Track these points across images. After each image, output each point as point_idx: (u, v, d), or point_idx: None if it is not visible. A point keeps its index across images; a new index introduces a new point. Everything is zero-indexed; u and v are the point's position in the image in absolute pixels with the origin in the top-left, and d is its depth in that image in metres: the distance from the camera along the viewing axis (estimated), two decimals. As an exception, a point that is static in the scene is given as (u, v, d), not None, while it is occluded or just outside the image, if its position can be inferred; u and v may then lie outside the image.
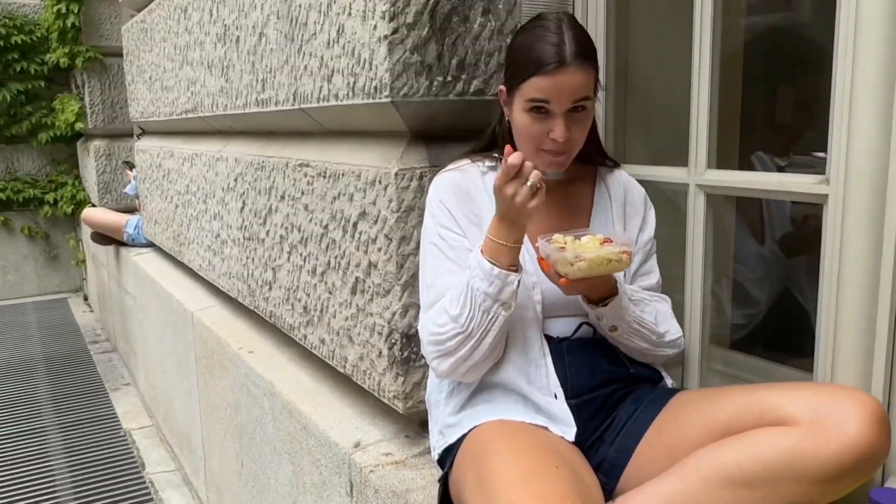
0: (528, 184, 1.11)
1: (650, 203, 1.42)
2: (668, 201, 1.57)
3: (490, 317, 1.18)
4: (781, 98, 2.07)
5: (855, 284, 1.14)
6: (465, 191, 1.31)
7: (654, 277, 1.40)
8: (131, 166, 4.46)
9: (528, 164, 1.12)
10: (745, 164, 1.88)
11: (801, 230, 1.96)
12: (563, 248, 1.16)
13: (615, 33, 1.62)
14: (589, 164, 1.40)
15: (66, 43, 5.05)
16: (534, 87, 1.19)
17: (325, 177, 1.71)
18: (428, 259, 1.30)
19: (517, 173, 1.11)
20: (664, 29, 1.78)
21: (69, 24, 4.98)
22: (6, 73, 5.73)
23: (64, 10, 4.94)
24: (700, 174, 1.40)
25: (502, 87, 1.29)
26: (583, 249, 1.15)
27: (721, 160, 1.45)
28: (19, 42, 5.66)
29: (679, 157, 1.46)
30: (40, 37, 5.73)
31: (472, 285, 1.17)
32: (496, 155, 1.33)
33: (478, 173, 1.34)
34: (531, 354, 1.26)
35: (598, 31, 1.58)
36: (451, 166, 1.36)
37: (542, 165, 1.22)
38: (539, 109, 1.20)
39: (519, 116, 1.24)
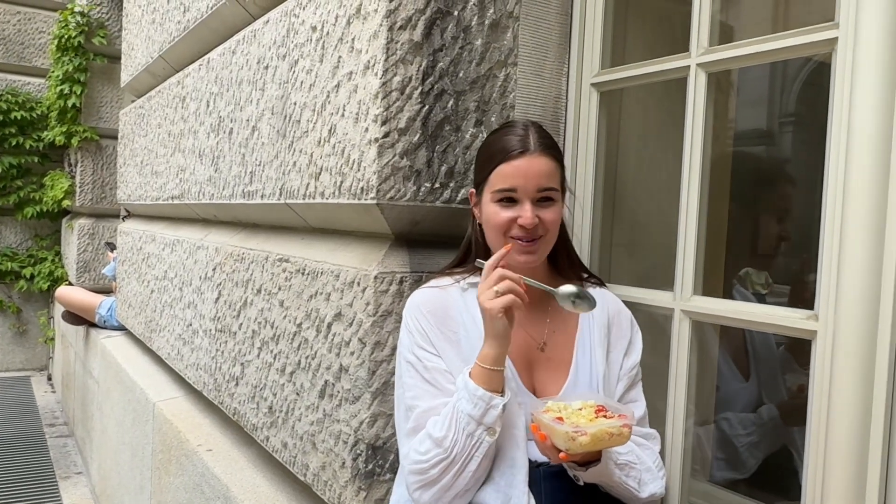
0: (495, 288, 1.12)
1: (636, 326, 1.38)
2: (653, 325, 1.53)
3: (474, 442, 1.13)
4: (765, 227, 2.07)
5: (845, 424, 1.09)
6: (443, 309, 1.27)
7: (640, 408, 1.33)
8: (112, 247, 4.41)
9: (499, 270, 1.12)
10: (728, 293, 1.86)
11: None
12: (560, 418, 1.10)
13: (605, 155, 1.63)
14: (569, 279, 1.36)
15: (65, 122, 5.11)
16: (500, 176, 1.23)
17: (303, 274, 1.67)
18: (405, 378, 1.26)
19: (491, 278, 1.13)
20: (653, 153, 1.81)
21: (70, 105, 5.05)
22: (2, 147, 5.75)
23: (67, 91, 5.03)
24: (686, 300, 1.37)
25: (472, 190, 1.32)
26: (578, 419, 1.10)
27: (707, 287, 1.43)
28: (18, 118, 5.72)
29: (664, 279, 1.44)
30: (40, 114, 5.80)
31: (458, 406, 1.14)
32: (477, 265, 1.31)
33: (458, 291, 1.30)
34: (515, 477, 1.18)
35: (588, 151, 1.59)
36: (431, 283, 1.33)
37: (515, 255, 1.22)
38: (506, 200, 1.23)
39: (487, 209, 1.26)
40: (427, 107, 1.41)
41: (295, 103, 1.74)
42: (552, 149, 1.26)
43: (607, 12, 1.57)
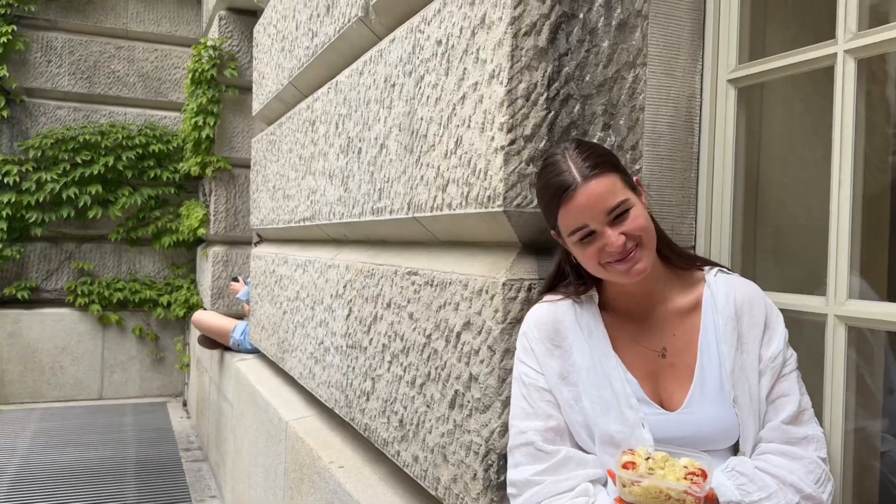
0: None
1: (775, 310, 1.33)
2: (804, 333, 1.51)
3: None
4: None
5: None
6: (551, 323, 1.34)
7: (792, 404, 1.27)
8: (236, 279, 4.79)
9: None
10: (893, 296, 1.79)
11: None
12: (635, 463, 1.13)
13: (745, 155, 1.63)
14: (684, 269, 1.37)
15: (199, 153, 5.60)
16: (564, 221, 1.27)
17: (432, 285, 1.77)
18: (514, 389, 1.38)
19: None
20: (800, 151, 1.78)
21: (204, 136, 5.54)
22: (141, 179, 6.38)
23: (201, 123, 5.52)
24: (840, 304, 1.35)
25: (552, 231, 1.36)
26: (657, 469, 1.11)
27: (865, 290, 1.40)
28: (156, 151, 6.33)
29: (816, 284, 1.42)
30: (176, 146, 6.38)
31: None
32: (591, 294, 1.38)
33: (569, 307, 1.36)
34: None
35: (726, 152, 1.60)
36: (546, 297, 1.40)
37: (620, 278, 1.25)
38: (584, 237, 1.25)
39: (572, 248, 1.31)
40: (553, 112, 1.49)
41: (421, 118, 1.86)
42: (599, 165, 1.25)
43: (743, 4, 1.59)
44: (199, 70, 5.50)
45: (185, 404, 6.43)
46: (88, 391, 6.35)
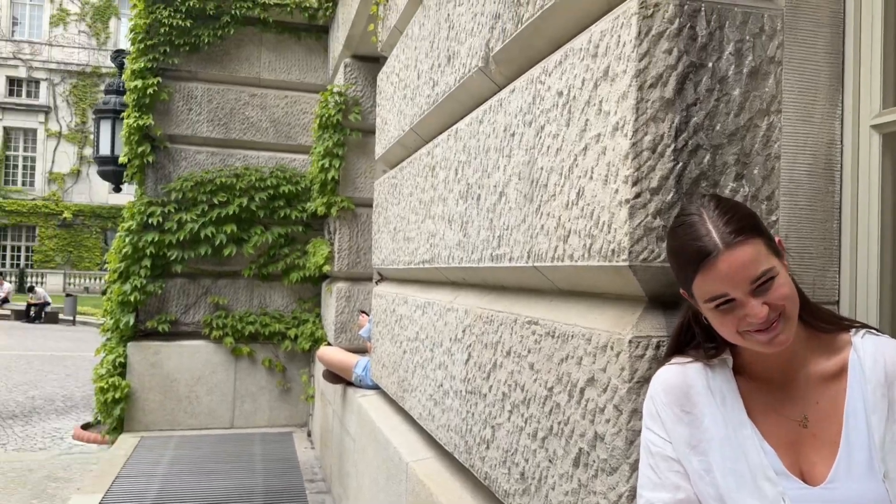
0: None
1: None
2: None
3: None
4: None
5: None
6: (682, 387, 1.27)
7: None
8: (365, 313, 4.90)
9: None
10: None
11: None
12: None
13: (892, 205, 1.51)
14: (832, 333, 1.26)
15: (325, 194, 5.82)
16: (701, 287, 1.18)
17: (553, 336, 1.74)
18: (641, 456, 1.31)
19: None
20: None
21: (330, 178, 5.76)
22: (272, 218, 6.68)
23: (327, 165, 5.74)
24: None
25: (682, 290, 1.27)
26: None
27: None
28: (286, 191, 6.63)
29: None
30: (304, 187, 6.67)
31: None
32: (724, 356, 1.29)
33: (700, 370, 1.28)
34: None
35: (870, 201, 1.48)
36: (675, 359, 1.33)
37: (761, 348, 1.16)
38: (722, 304, 1.16)
39: (708, 315, 1.22)
40: (681, 164, 1.43)
41: (541, 168, 1.85)
42: (742, 231, 1.15)
43: (887, 46, 1.48)
44: (326, 115, 5.74)
45: (309, 434, 6.61)
46: (220, 420, 6.64)
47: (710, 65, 1.45)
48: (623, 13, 1.48)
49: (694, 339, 1.33)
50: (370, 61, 5.81)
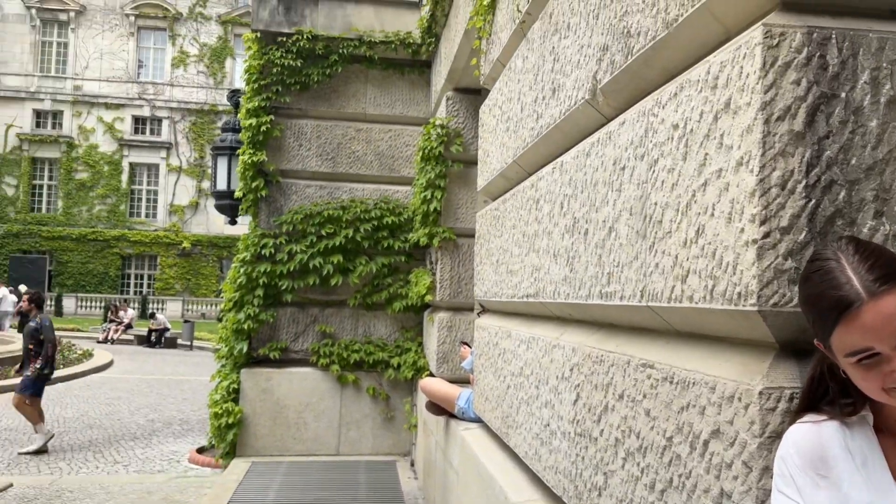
0: None
1: None
2: None
3: None
4: None
5: None
6: (817, 449, 1.15)
7: None
8: (467, 344, 4.86)
9: None
10: None
11: None
12: None
13: None
14: None
15: (427, 224, 5.86)
16: (841, 340, 1.07)
17: (671, 382, 1.64)
18: None
19: None
20: None
21: (432, 209, 5.79)
22: (376, 249, 6.79)
23: (429, 197, 5.78)
24: None
25: (815, 341, 1.15)
26: None
27: None
28: (389, 223, 6.73)
29: None
30: (406, 218, 6.74)
31: None
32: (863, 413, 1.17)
33: (836, 429, 1.17)
34: None
35: None
36: (808, 417, 1.21)
37: None
38: (866, 359, 1.05)
39: (847, 369, 1.10)
40: (813, 201, 1.32)
41: (655, 203, 1.76)
42: (889, 278, 1.05)
43: None
44: (429, 147, 5.79)
45: (412, 464, 6.59)
46: (327, 447, 6.73)
47: (844, 95, 1.34)
48: (745, 43, 1.39)
49: (827, 394, 1.21)
50: (471, 93, 5.83)
